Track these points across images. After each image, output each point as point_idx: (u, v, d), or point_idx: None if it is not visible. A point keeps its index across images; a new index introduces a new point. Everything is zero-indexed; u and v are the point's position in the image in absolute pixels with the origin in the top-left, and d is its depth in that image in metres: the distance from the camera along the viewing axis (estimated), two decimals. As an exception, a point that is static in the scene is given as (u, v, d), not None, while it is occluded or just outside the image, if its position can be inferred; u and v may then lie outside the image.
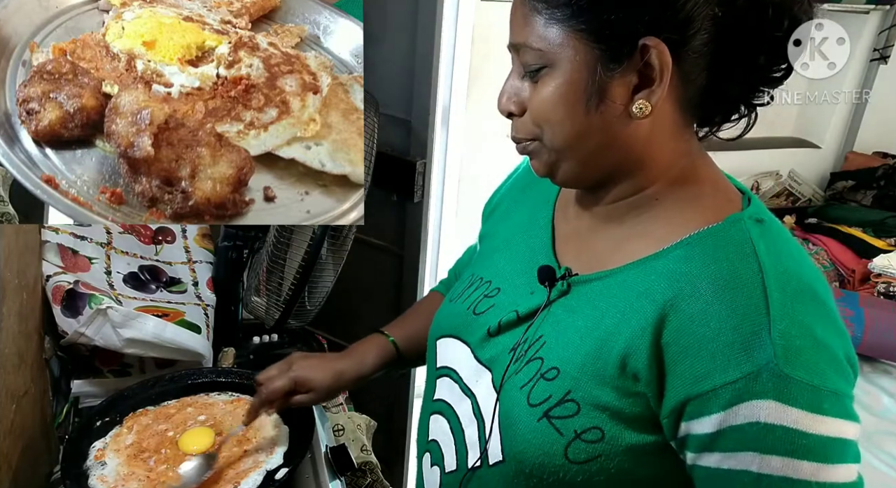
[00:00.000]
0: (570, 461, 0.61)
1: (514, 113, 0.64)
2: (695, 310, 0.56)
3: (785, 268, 0.57)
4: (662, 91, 0.57)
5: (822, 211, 2.35)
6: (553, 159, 0.64)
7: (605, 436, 0.60)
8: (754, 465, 0.53)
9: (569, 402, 0.61)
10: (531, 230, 0.75)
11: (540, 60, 0.59)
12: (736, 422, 0.53)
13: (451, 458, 0.73)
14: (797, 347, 0.53)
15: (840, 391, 0.54)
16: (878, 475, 1.39)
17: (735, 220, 0.60)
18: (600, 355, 0.61)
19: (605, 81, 0.58)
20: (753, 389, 0.52)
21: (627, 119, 0.59)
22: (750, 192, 0.65)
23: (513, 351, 0.67)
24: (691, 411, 0.56)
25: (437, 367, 0.78)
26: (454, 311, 0.77)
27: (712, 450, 0.55)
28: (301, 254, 1.21)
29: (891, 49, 2.28)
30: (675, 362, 0.56)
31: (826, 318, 0.56)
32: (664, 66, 0.56)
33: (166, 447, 0.88)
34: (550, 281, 0.67)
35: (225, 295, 1.29)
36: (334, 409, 1.24)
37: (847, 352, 0.57)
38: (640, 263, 0.62)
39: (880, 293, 1.91)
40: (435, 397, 0.77)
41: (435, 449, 0.75)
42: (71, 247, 1.13)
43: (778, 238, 0.60)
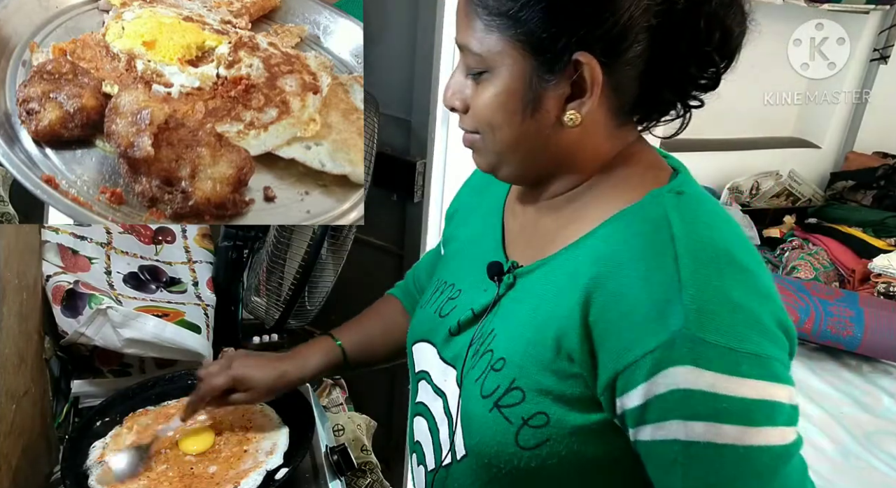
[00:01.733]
0: (521, 447, 0.62)
1: (458, 108, 0.66)
2: (615, 286, 0.58)
3: (699, 236, 0.58)
4: (592, 103, 0.59)
5: (822, 211, 2.35)
6: (494, 159, 0.67)
7: (550, 420, 0.61)
8: (681, 433, 0.54)
9: (514, 390, 0.63)
10: (485, 231, 0.78)
11: (480, 65, 0.61)
12: (658, 391, 0.54)
13: (430, 457, 0.75)
14: (710, 311, 0.53)
15: (763, 352, 0.54)
16: (878, 475, 1.39)
17: (655, 195, 0.62)
18: (538, 340, 0.62)
19: (539, 91, 0.60)
20: (670, 356, 0.53)
21: (560, 126, 0.62)
22: (684, 168, 0.67)
23: (469, 347, 0.69)
24: (621, 385, 0.57)
25: (416, 372, 0.80)
26: (424, 317, 0.80)
27: (644, 423, 0.56)
28: (301, 254, 1.21)
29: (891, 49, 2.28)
30: (602, 339, 0.58)
31: (746, 282, 0.56)
32: (595, 81, 0.58)
33: (166, 447, 0.88)
34: (499, 275, 0.69)
35: (225, 295, 1.29)
36: (334, 409, 1.24)
37: (777, 316, 0.57)
38: (571, 247, 0.64)
39: (880, 293, 1.91)
40: (416, 400, 0.79)
41: (419, 450, 0.78)
42: (71, 247, 1.13)
43: (697, 207, 0.61)
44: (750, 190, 2.33)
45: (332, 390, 1.33)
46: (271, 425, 0.93)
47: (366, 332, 0.96)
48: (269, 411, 0.96)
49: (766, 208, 2.36)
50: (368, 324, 0.98)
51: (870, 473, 1.40)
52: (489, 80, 0.61)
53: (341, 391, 1.33)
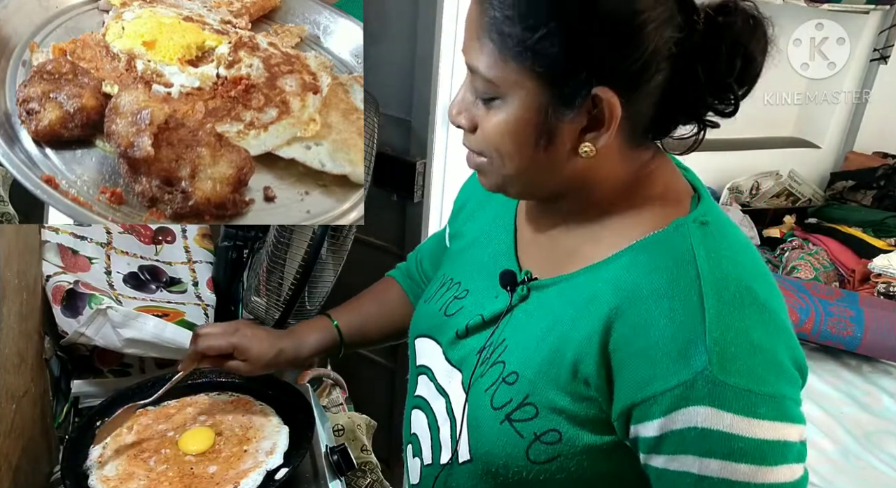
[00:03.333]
0: (531, 461, 0.63)
1: (465, 128, 0.64)
2: (636, 319, 0.58)
3: (724, 273, 0.58)
4: (609, 137, 0.58)
5: (822, 211, 2.35)
6: (501, 182, 0.65)
7: (562, 438, 0.62)
8: (695, 467, 0.55)
9: (528, 406, 0.63)
10: (495, 232, 0.77)
11: (491, 91, 0.59)
12: (675, 427, 0.55)
13: (427, 452, 0.76)
14: (732, 354, 0.54)
15: (779, 394, 0.55)
16: (878, 475, 1.39)
17: (678, 225, 0.61)
18: (554, 360, 0.62)
19: (554, 124, 0.58)
20: (690, 396, 0.54)
21: (574, 156, 0.60)
22: (703, 190, 0.66)
23: (479, 353, 0.69)
24: (637, 415, 0.57)
25: (417, 365, 0.80)
26: (428, 312, 0.80)
27: (657, 453, 0.57)
28: (301, 254, 1.21)
29: (891, 49, 2.28)
30: (620, 368, 0.58)
31: (765, 322, 0.57)
32: (613, 116, 0.57)
33: (166, 447, 0.88)
34: (512, 285, 0.69)
35: (225, 295, 1.29)
36: (334, 409, 1.24)
37: (792, 354, 0.58)
38: (590, 269, 0.64)
39: (880, 293, 1.91)
40: (416, 393, 0.79)
41: (416, 442, 0.78)
42: (71, 247, 1.13)
43: (721, 240, 0.61)
44: (750, 190, 2.33)
45: (332, 390, 1.32)
46: (271, 425, 0.93)
47: (362, 314, 0.97)
48: (269, 411, 0.96)
49: (766, 208, 2.36)
50: (366, 305, 0.99)
51: (870, 473, 1.40)
52: (500, 108, 0.59)
53: (341, 391, 1.33)
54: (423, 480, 0.77)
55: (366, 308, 0.98)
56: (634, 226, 0.63)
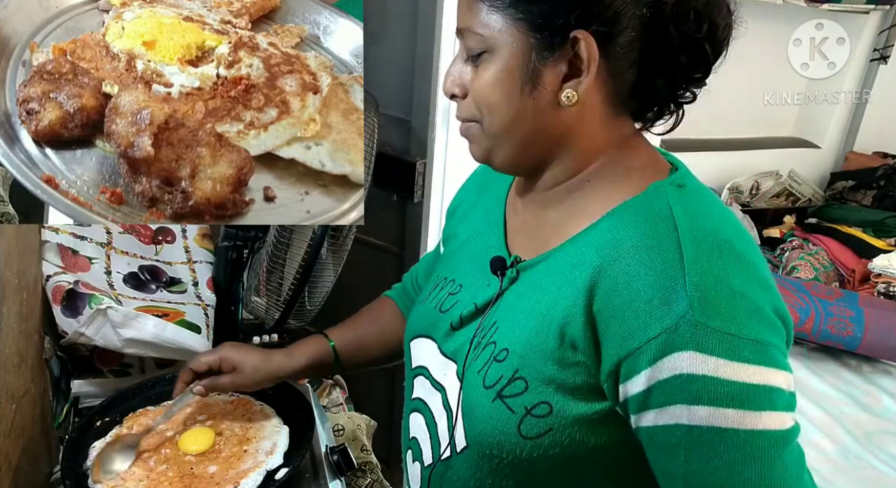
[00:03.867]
0: (523, 437, 0.63)
1: (458, 95, 0.67)
2: (618, 274, 0.59)
3: (701, 226, 0.59)
4: (589, 81, 0.61)
5: (822, 211, 2.35)
6: (489, 144, 0.68)
7: (553, 410, 0.62)
8: (684, 417, 0.55)
9: (518, 380, 0.64)
10: (486, 227, 0.78)
11: (481, 45, 0.63)
12: (662, 376, 0.55)
13: (427, 452, 0.75)
14: (712, 298, 0.55)
15: (762, 339, 0.55)
16: (878, 475, 1.39)
17: (656, 187, 0.63)
18: (541, 330, 0.63)
19: (538, 69, 0.62)
20: (673, 342, 0.55)
21: (557, 107, 0.63)
22: (681, 164, 0.68)
23: (472, 340, 0.70)
24: (624, 371, 0.58)
25: (413, 367, 0.81)
26: (423, 312, 0.80)
27: (647, 409, 0.57)
28: (301, 254, 1.21)
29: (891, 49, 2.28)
30: (606, 326, 0.59)
31: (745, 271, 0.58)
32: (591, 59, 0.60)
33: (166, 447, 0.88)
34: (501, 270, 0.70)
35: (225, 295, 1.29)
36: (334, 409, 1.24)
37: (774, 305, 0.58)
38: (575, 238, 0.65)
39: (880, 293, 1.92)
40: (413, 396, 0.80)
41: (415, 446, 0.78)
42: (71, 247, 1.13)
43: (698, 200, 0.63)
44: (750, 190, 2.33)
45: (332, 390, 1.33)
46: (271, 425, 0.93)
47: (359, 333, 0.97)
48: (270, 411, 0.96)
49: (766, 208, 2.36)
50: (362, 324, 0.99)
51: (870, 473, 1.40)
52: (489, 60, 0.63)
53: (341, 391, 1.33)
54: (423, 482, 0.76)
55: (362, 326, 0.99)
56: (614, 194, 0.65)
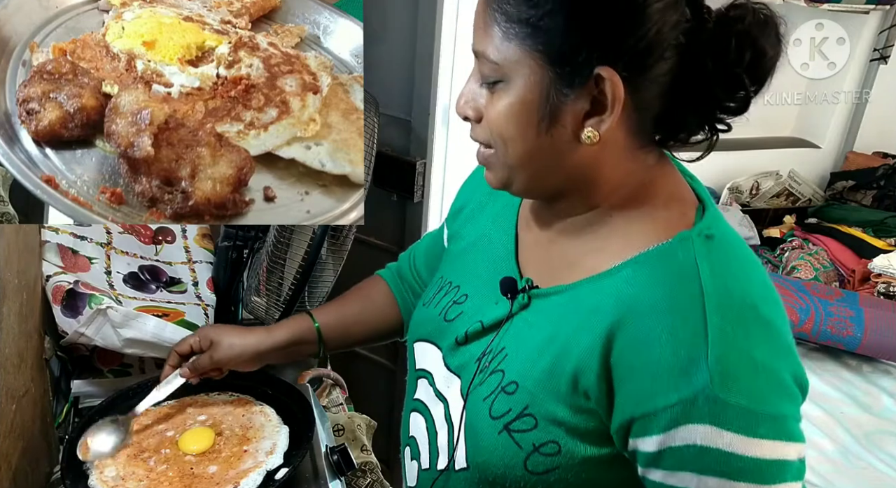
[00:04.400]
0: (529, 472, 0.63)
1: (471, 118, 0.63)
2: (639, 333, 0.57)
3: (728, 290, 0.57)
4: (612, 121, 0.57)
5: (822, 211, 2.35)
6: (506, 174, 0.64)
7: (561, 450, 0.61)
8: (693, 484, 0.55)
9: (527, 416, 0.63)
10: (495, 236, 0.76)
11: (496, 74, 0.59)
12: (674, 444, 0.55)
13: (425, 456, 0.75)
14: (734, 372, 0.54)
15: (780, 413, 0.55)
16: (878, 475, 1.39)
17: (683, 239, 0.60)
18: (554, 372, 0.62)
19: (556, 105, 0.57)
20: (690, 413, 0.54)
21: (576, 144, 0.59)
22: (709, 201, 0.65)
23: (478, 361, 0.69)
24: (636, 430, 0.57)
25: (416, 369, 0.80)
26: (426, 316, 0.79)
27: (656, 467, 0.57)
28: (301, 254, 1.21)
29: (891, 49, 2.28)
30: (621, 382, 0.58)
31: (769, 339, 0.57)
32: (616, 98, 0.56)
33: (166, 447, 0.88)
34: (512, 293, 0.68)
35: (225, 295, 1.29)
36: (334, 409, 1.24)
37: (794, 372, 0.58)
38: (593, 280, 0.63)
39: (880, 293, 1.92)
40: (415, 396, 0.79)
41: (413, 445, 0.78)
42: (71, 247, 1.13)
43: (726, 255, 0.60)
44: (750, 190, 2.33)
45: (332, 390, 1.32)
46: (271, 425, 0.93)
47: (345, 313, 0.96)
48: (269, 411, 0.96)
49: (766, 208, 2.36)
50: (349, 304, 0.97)
51: (870, 473, 1.40)
52: (504, 90, 0.59)
53: (341, 391, 1.33)
54: (420, 484, 0.76)
55: (349, 306, 0.97)
56: (637, 236, 0.62)
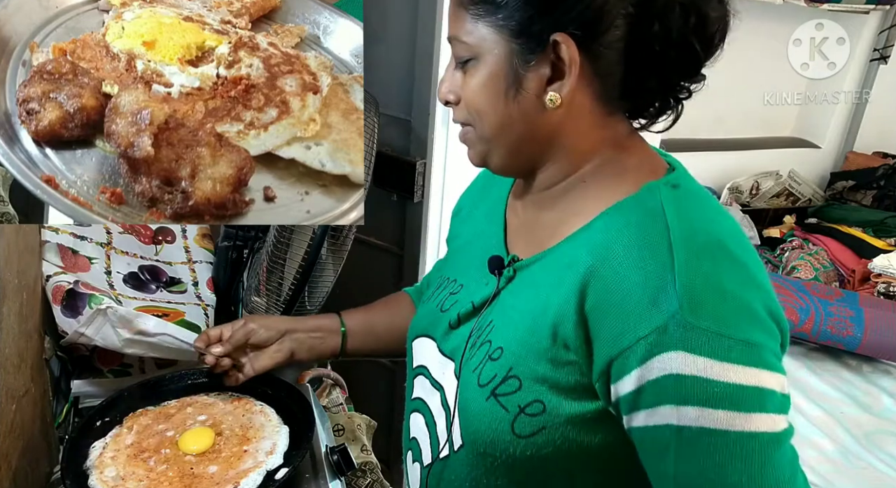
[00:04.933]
0: (516, 436, 0.63)
1: (452, 101, 0.69)
2: (610, 274, 0.59)
3: (693, 227, 0.59)
4: (571, 83, 0.61)
5: (822, 211, 2.35)
6: (484, 148, 0.68)
7: (546, 408, 0.62)
8: (673, 418, 0.55)
9: (511, 379, 0.64)
10: (487, 227, 0.79)
11: (467, 53, 0.65)
12: (651, 376, 0.55)
13: (427, 452, 0.76)
14: (702, 298, 0.55)
15: (753, 340, 0.55)
16: (878, 475, 1.40)
17: (650, 188, 0.63)
18: (535, 329, 0.63)
19: (521, 74, 0.62)
20: (662, 341, 0.55)
21: (543, 109, 0.63)
22: (679, 165, 0.68)
23: (468, 339, 0.70)
24: (615, 371, 0.58)
25: (414, 367, 0.81)
26: (425, 312, 0.81)
27: (637, 409, 0.57)
28: (301, 254, 1.21)
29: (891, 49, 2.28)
30: (597, 326, 0.59)
31: (737, 271, 0.58)
32: (572, 61, 0.60)
33: (166, 447, 0.88)
34: (499, 269, 0.71)
35: (225, 295, 1.29)
36: (334, 409, 1.24)
37: (768, 306, 0.58)
38: (570, 238, 0.65)
39: (880, 293, 1.92)
40: (413, 396, 0.80)
41: (415, 447, 0.78)
42: (71, 247, 1.13)
43: (691, 200, 0.63)
44: (750, 190, 2.33)
45: (332, 390, 1.32)
46: (271, 425, 0.93)
47: (371, 318, 0.99)
48: (269, 411, 0.96)
49: (766, 208, 2.37)
50: (376, 311, 1.01)
51: (870, 473, 1.40)
52: (475, 67, 0.64)
53: (341, 391, 1.33)
54: (422, 482, 0.77)
55: (375, 313, 1.00)
56: (609, 192, 0.65)
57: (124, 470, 0.84)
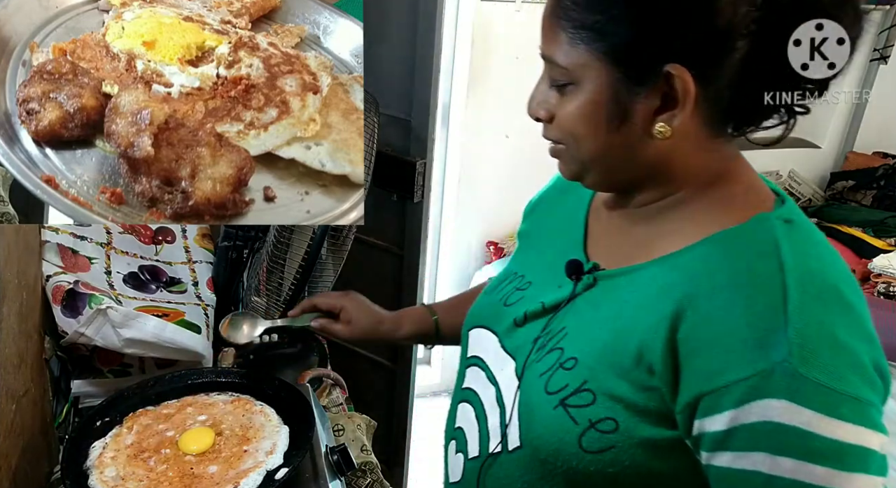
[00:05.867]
0: (583, 449, 0.61)
1: (543, 119, 0.65)
2: (711, 307, 0.56)
3: (809, 269, 0.56)
4: (684, 115, 0.58)
5: (823, 211, 2.35)
6: (578, 168, 0.66)
7: (619, 427, 0.60)
8: (765, 466, 0.52)
9: (585, 392, 0.62)
10: (566, 228, 0.77)
11: (565, 77, 0.60)
12: (748, 420, 0.53)
13: (474, 444, 0.74)
14: (814, 347, 0.52)
15: (862, 397, 0.52)
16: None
17: (762, 219, 0.60)
18: (617, 347, 0.61)
19: (627, 103, 0.58)
20: (766, 387, 0.52)
21: (648, 138, 0.60)
22: (785, 195, 0.65)
23: (536, 340, 0.68)
24: (704, 407, 0.55)
25: (468, 357, 0.80)
26: (487, 303, 0.80)
27: (724, 449, 0.54)
28: (301, 254, 1.21)
29: (891, 49, 2.28)
30: (689, 358, 0.56)
31: (851, 321, 0.55)
32: (687, 94, 0.56)
33: (166, 447, 0.88)
34: (577, 274, 0.68)
35: (225, 295, 1.29)
36: (334, 409, 1.24)
37: (875, 360, 0.55)
38: (665, 259, 0.62)
39: (880, 293, 1.92)
40: (464, 386, 0.79)
41: (460, 436, 0.77)
42: (71, 247, 1.13)
43: (806, 239, 0.59)
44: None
45: (332, 390, 1.32)
46: (271, 425, 0.93)
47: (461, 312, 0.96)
48: (269, 411, 0.96)
49: (766, 208, 2.36)
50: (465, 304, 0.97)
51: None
52: (574, 92, 0.60)
53: (341, 390, 1.33)
54: (466, 474, 0.75)
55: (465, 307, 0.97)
56: (713, 218, 0.61)
57: (124, 470, 0.84)
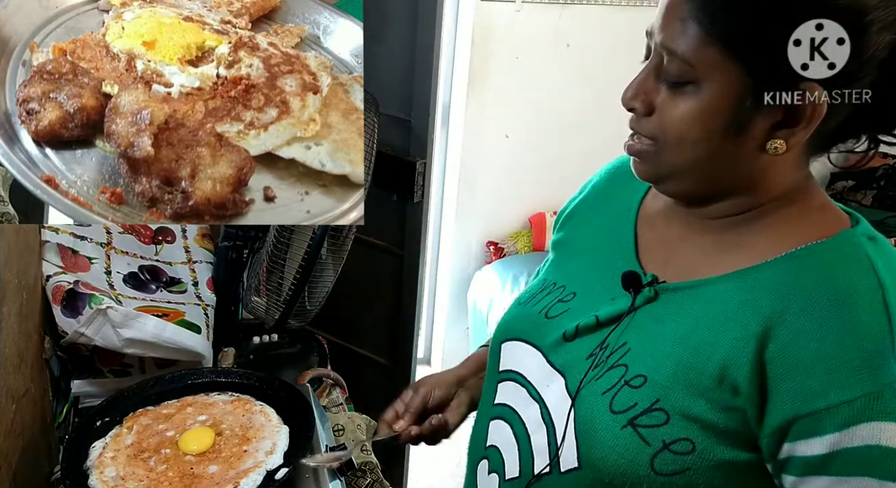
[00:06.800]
0: (655, 472, 0.58)
1: (638, 110, 0.60)
2: (807, 325, 0.54)
3: None
4: (805, 135, 0.55)
5: (823, 211, 2.35)
6: (664, 172, 0.62)
7: (695, 449, 0.57)
8: None
9: (657, 411, 0.59)
10: (612, 237, 0.73)
11: (686, 75, 0.56)
12: (852, 444, 0.51)
13: (513, 465, 0.70)
14: None
15: None
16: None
17: (849, 236, 0.58)
18: (694, 365, 0.58)
19: (749, 114, 0.55)
20: (874, 409, 0.50)
21: (759, 152, 0.57)
22: (857, 214, 0.63)
23: (592, 356, 0.65)
24: (799, 430, 0.53)
25: (500, 371, 0.75)
26: (523, 315, 0.75)
27: (821, 474, 0.53)
28: (301, 254, 1.21)
29: (891, 49, 2.28)
30: (781, 378, 0.54)
31: None
32: (816, 114, 0.54)
33: (166, 447, 0.88)
34: (636, 287, 0.65)
35: (225, 295, 1.29)
36: (334, 409, 1.24)
37: None
38: (741, 274, 0.60)
39: (880, 293, 1.92)
40: (496, 401, 0.75)
41: (494, 456, 0.73)
42: (71, 247, 1.13)
43: (892, 257, 0.58)
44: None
45: (332, 390, 1.33)
46: (271, 425, 0.93)
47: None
48: (269, 411, 0.96)
49: (766, 208, 2.36)
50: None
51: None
52: (693, 93, 0.56)
53: (341, 391, 1.33)
54: None
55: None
56: (791, 234, 0.59)
57: (124, 470, 0.84)
